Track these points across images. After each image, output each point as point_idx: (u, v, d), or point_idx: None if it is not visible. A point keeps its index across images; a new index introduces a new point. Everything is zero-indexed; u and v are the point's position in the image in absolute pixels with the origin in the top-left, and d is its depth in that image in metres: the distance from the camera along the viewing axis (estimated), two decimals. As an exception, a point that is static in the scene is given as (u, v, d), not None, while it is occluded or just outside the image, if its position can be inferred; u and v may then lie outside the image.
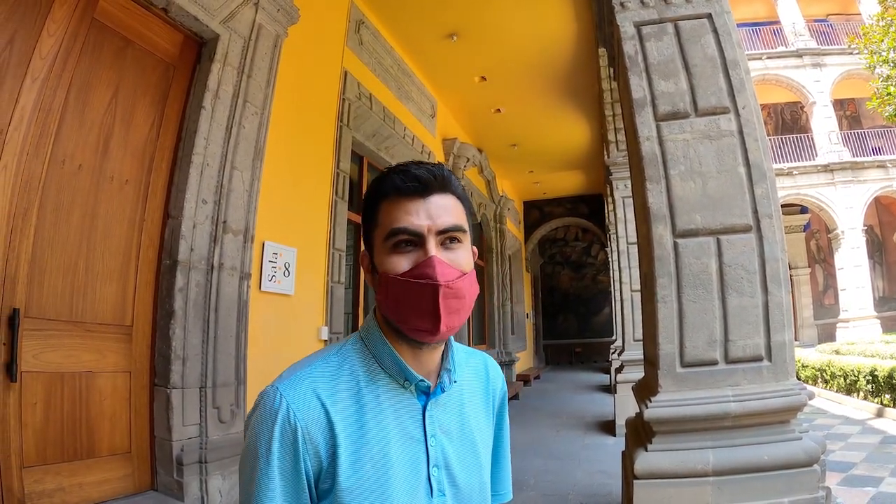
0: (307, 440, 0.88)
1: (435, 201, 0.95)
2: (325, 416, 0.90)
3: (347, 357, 0.99)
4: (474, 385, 1.12)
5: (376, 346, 0.99)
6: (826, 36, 20.06)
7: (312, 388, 0.92)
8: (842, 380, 9.49)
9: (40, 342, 2.76)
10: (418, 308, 0.91)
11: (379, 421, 0.94)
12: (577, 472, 5.51)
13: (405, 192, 0.94)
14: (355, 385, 0.95)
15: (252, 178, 3.98)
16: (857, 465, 5.34)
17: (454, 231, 0.95)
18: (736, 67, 3.00)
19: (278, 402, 0.89)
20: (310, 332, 4.95)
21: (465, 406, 1.07)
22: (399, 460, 0.93)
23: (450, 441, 1.01)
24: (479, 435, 1.08)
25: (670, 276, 2.93)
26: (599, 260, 21.09)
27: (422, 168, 0.96)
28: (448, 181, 0.98)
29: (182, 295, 3.41)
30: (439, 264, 0.91)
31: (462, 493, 1.00)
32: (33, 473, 2.66)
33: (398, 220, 0.93)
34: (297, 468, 0.88)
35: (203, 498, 3.22)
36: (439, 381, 1.01)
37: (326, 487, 0.90)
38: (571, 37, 7.61)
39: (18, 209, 2.69)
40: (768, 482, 2.56)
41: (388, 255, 0.94)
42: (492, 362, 1.20)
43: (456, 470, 1.00)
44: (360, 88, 6.20)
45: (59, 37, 2.90)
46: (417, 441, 0.97)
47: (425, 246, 0.93)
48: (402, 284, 0.92)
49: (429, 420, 0.99)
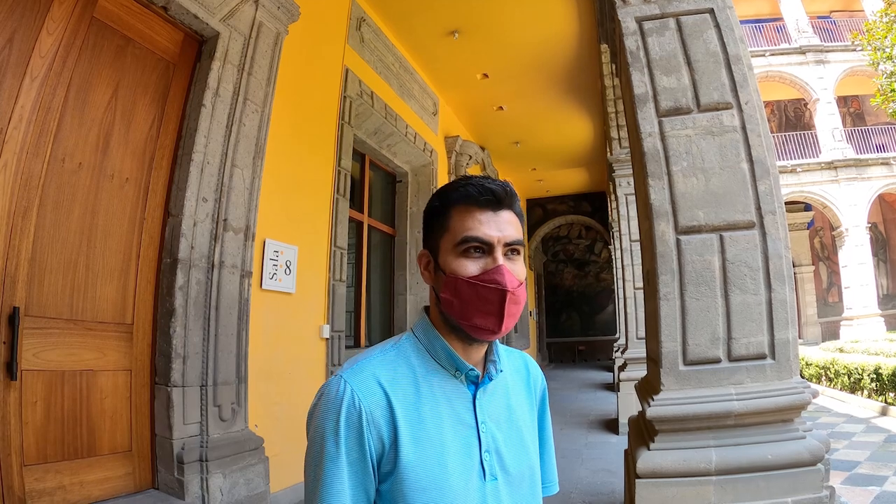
0: (371, 422, 0.95)
1: (503, 216, 1.04)
2: (386, 401, 0.98)
3: (403, 350, 1.07)
4: (517, 380, 1.20)
5: (430, 339, 1.08)
6: (829, 32, 19.97)
7: (374, 375, 1.00)
8: (846, 378, 9.46)
9: (41, 340, 2.76)
10: (485, 309, 1.00)
11: (434, 407, 1.01)
12: (580, 470, 5.49)
13: (480, 203, 1.03)
14: (412, 374, 1.03)
15: (253, 175, 3.97)
16: (860, 463, 5.31)
17: (517, 244, 1.04)
18: (738, 63, 2.98)
19: (343, 388, 0.97)
20: (311, 330, 4.94)
21: (511, 397, 1.14)
22: (454, 444, 1.00)
23: (499, 428, 1.07)
24: (525, 424, 1.14)
25: (673, 273, 2.91)
26: (603, 258, 21.07)
27: (494, 183, 1.04)
28: (514, 199, 1.07)
29: (182, 293, 3.41)
30: (507, 273, 1.00)
31: (512, 478, 1.06)
32: (34, 472, 2.66)
33: (472, 228, 1.02)
34: (362, 449, 0.95)
35: (204, 496, 3.21)
36: (486, 371, 1.09)
37: (388, 469, 0.96)
38: (573, 33, 7.58)
39: (18, 208, 2.69)
40: (772, 481, 2.55)
41: (457, 258, 1.03)
42: (531, 360, 1.28)
43: (506, 455, 1.06)
44: (361, 86, 6.19)
45: (59, 35, 2.89)
46: (470, 427, 1.03)
47: (494, 254, 1.01)
48: (472, 287, 1.00)
49: (479, 407, 1.06)
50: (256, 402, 3.82)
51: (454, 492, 0.96)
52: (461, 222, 1.02)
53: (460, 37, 7.40)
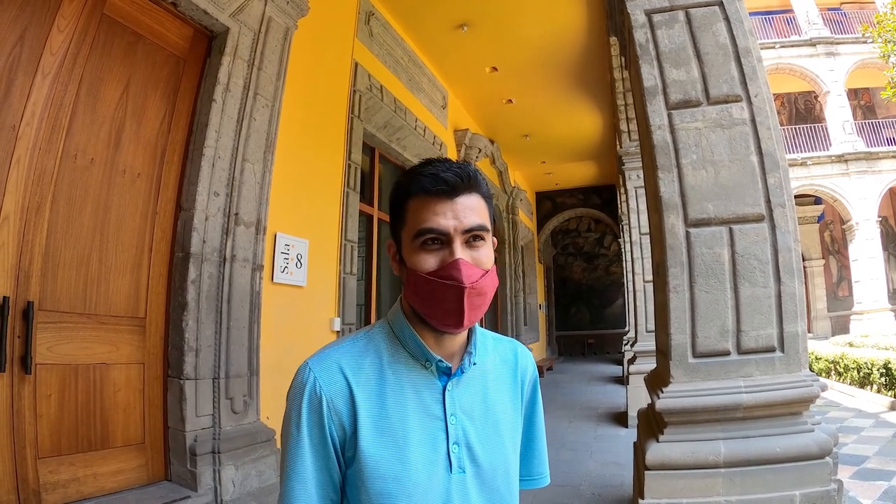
0: (332, 409, 0.98)
1: (461, 202, 1.00)
2: (347, 389, 0.99)
3: (373, 338, 1.07)
4: (501, 370, 1.16)
5: (401, 329, 1.07)
6: (840, 25, 19.74)
7: (337, 363, 1.01)
8: (855, 372, 9.40)
9: (54, 334, 2.80)
10: (444, 306, 0.98)
11: (399, 397, 1.01)
12: (589, 462, 5.50)
13: (433, 193, 0.99)
14: (378, 363, 1.03)
15: (263, 170, 3.99)
16: (869, 458, 5.29)
17: (478, 230, 1.00)
18: (748, 55, 2.96)
19: (307, 375, 1.00)
20: (322, 323, 4.97)
21: (490, 389, 1.11)
22: (417, 435, 1.00)
23: (471, 421, 1.05)
24: (504, 417, 1.11)
25: (682, 265, 2.92)
26: (612, 251, 20.97)
27: (450, 170, 1.00)
28: (474, 181, 1.02)
29: (195, 287, 3.44)
30: (465, 266, 0.96)
31: (483, 471, 1.04)
32: (48, 464, 2.70)
33: (426, 220, 0.98)
34: (323, 433, 0.98)
35: (216, 488, 3.25)
36: (461, 363, 1.07)
37: (351, 454, 0.98)
38: (582, 26, 7.54)
39: (32, 203, 2.72)
40: (780, 474, 2.55)
41: (415, 252, 1.00)
42: (522, 348, 1.24)
43: (477, 449, 1.04)
44: (370, 80, 6.19)
45: (70, 33, 2.91)
46: (437, 418, 1.02)
47: (451, 246, 0.98)
48: (429, 283, 0.98)
49: (449, 399, 1.04)
50: (268, 394, 3.85)
51: (413, 482, 0.96)
52: (416, 214, 1.00)
53: (469, 30, 7.38)
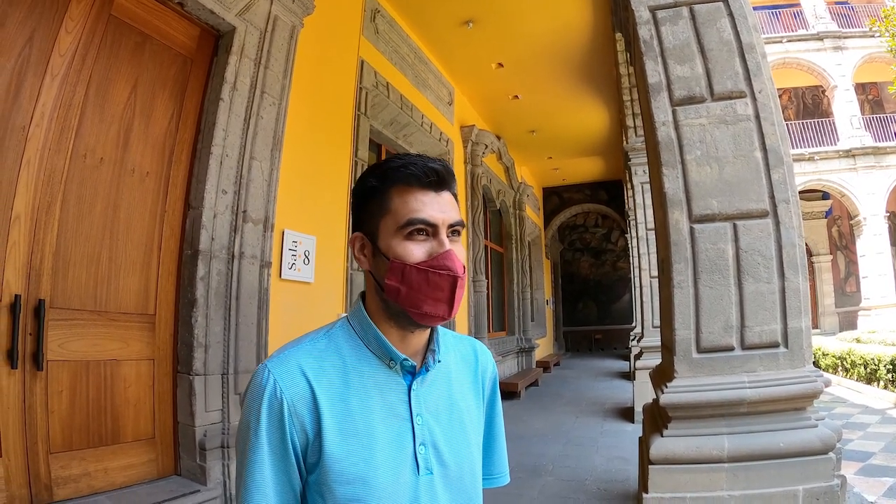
0: (293, 414, 0.93)
1: (445, 196, 1.01)
2: (310, 392, 0.95)
3: (335, 338, 1.03)
4: (462, 369, 1.15)
5: (364, 328, 1.03)
6: (847, 18, 19.62)
7: (298, 365, 0.96)
8: (862, 368, 9.37)
9: (65, 332, 2.84)
10: (435, 296, 0.96)
11: (363, 398, 0.98)
12: (595, 457, 5.52)
13: (423, 184, 0.98)
14: (341, 364, 0.99)
15: (271, 167, 4.02)
16: (875, 454, 5.28)
17: (458, 226, 1.01)
18: (752, 51, 2.96)
19: (266, 378, 0.94)
20: (330, 319, 4.93)
21: (454, 388, 1.10)
22: (384, 436, 0.97)
23: (437, 421, 1.04)
24: (468, 416, 1.10)
25: (686, 261, 2.93)
26: (619, 246, 20.94)
27: (436, 163, 1.00)
28: (453, 178, 1.04)
29: (204, 284, 3.47)
30: (455, 257, 0.97)
31: (450, 472, 1.03)
32: (59, 459, 2.75)
33: (416, 210, 0.97)
34: (283, 440, 0.93)
35: (225, 482, 3.29)
36: (424, 361, 1.05)
37: (314, 460, 0.94)
38: (588, 22, 7.53)
39: (42, 203, 2.76)
40: (783, 469, 2.56)
41: (402, 242, 0.97)
42: (481, 347, 1.23)
43: (444, 449, 1.02)
44: (376, 77, 6.22)
45: (77, 34, 2.95)
46: (403, 419, 1.00)
47: (439, 237, 0.97)
48: (422, 273, 0.95)
49: (414, 399, 1.02)
50: (276, 390, 3.88)
51: (381, 485, 0.94)
52: (403, 204, 0.97)
53: (475, 27, 7.39)
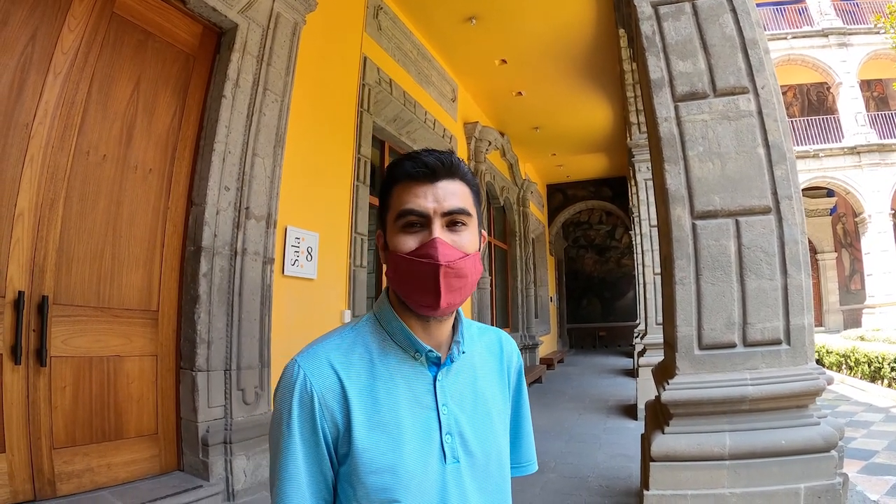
0: (323, 406, 0.96)
1: (443, 186, 1.01)
2: (339, 385, 0.97)
3: (361, 332, 1.06)
4: (488, 359, 1.16)
5: (388, 320, 1.06)
6: (852, 15, 19.48)
7: (328, 359, 0.99)
8: (866, 367, 9.34)
9: (69, 328, 2.86)
10: (421, 285, 0.98)
11: (390, 390, 1.00)
12: (598, 454, 5.52)
13: (415, 177, 1.00)
14: (368, 357, 1.02)
15: (273, 164, 4.03)
16: (878, 453, 5.25)
17: (459, 214, 1.01)
18: (755, 47, 2.94)
19: (297, 372, 0.98)
20: (332, 315, 5.02)
21: (479, 377, 1.11)
22: (411, 427, 0.99)
23: (463, 410, 1.05)
24: (494, 405, 1.12)
25: (689, 257, 2.91)
26: (623, 243, 20.90)
27: (431, 155, 1.01)
28: (456, 167, 1.04)
29: (206, 280, 3.49)
30: (441, 245, 0.97)
31: (477, 460, 1.04)
32: (63, 454, 2.77)
33: (407, 202, 1.00)
34: (315, 431, 0.96)
35: (228, 478, 3.31)
36: (449, 352, 1.06)
37: (345, 451, 0.97)
38: (591, 17, 7.50)
39: (46, 200, 2.78)
40: (785, 467, 2.55)
41: (397, 234, 1.01)
42: (506, 337, 1.24)
43: (470, 438, 1.04)
44: (379, 74, 6.21)
45: (80, 32, 2.96)
46: (429, 409, 1.02)
47: (430, 227, 0.99)
48: (407, 262, 0.98)
49: (440, 389, 1.04)
50: (279, 386, 3.90)
51: (409, 474, 0.96)
52: (399, 198, 1.01)
53: (478, 23, 7.36)
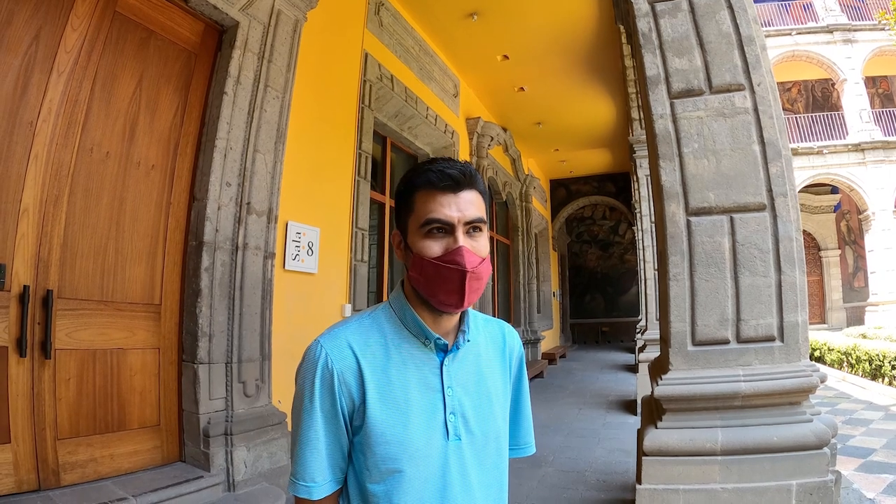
0: (342, 382, 1.09)
1: (464, 196, 1.11)
2: (356, 364, 1.10)
3: (378, 319, 1.18)
4: (491, 348, 1.28)
5: (402, 310, 1.18)
6: (857, 11, 19.34)
7: (347, 341, 1.12)
8: (867, 364, 9.32)
9: (73, 321, 2.91)
10: (447, 287, 1.09)
11: (402, 371, 1.13)
12: (596, 449, 5.56)
13: (440, 187, 1.10)
14: (383, 341, 1.14)
15: (275, 160, 4.07)
16: (876, 451, 5.23)
17: (478, 222, 1.12)
18: (751, 44, 2.96)
19: (319, 351, 1.10)
20: (333, 309, 5.06)
21: (482, 364, 1.23)
22: (418, 405, 1.11)
23: (466, 393, 1.17)
24: (495, 390, 1.23)
25: (683, 254, 2.94)
26: (627, 238, 20.88)
27: (454, 167, 1.12)
28: (474, 179, 1.14)
29: (208, 274, 3.54)
30: (467, 253, 1.08)
31: (476, 439, 1.16)
32: (67, 445, 2.83)
33: (433, 210, 1.10)
34: (334, 404, 1.09)
35: (228, 469, 3.36)
36: (456, 340, 1.18)
37: (359, 423, 1.10)
38: (593, 13, 7.49)
39: (50, 196, 2.83)
40: (777, 463, 2.58)
41: (422, 239, 1.11)
42: (509, 328, 1.36)
43: (471, 418, 1.16)
44: (381, 70, 6.23)
45: (83, 31, 3.00)
46: (436, 391, 1.14)
47: (455, 234, 1.10)
48: (435, 267, 1.09)
49: (446, 373, 1.15)
50: (279, 378, 3.95)
51: (414, 447, 1.08)
52: (424, 205, 1.11)
53: (479, 18, 7.37)
